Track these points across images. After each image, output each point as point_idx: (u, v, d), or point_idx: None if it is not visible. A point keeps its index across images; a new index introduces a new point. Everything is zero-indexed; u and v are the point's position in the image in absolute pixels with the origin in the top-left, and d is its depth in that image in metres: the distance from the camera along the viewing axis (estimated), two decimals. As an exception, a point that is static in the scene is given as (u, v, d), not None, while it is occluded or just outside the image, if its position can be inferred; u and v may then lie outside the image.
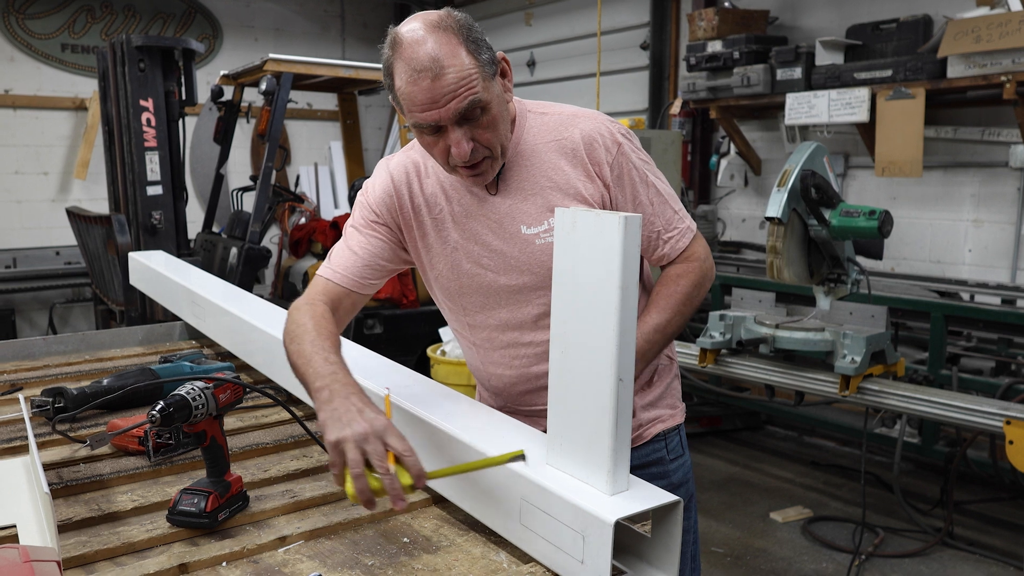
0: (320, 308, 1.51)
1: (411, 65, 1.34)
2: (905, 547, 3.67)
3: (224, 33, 7.49)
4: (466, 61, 1.35)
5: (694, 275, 1.58)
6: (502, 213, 1.53)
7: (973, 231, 4.51)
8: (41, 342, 2.42)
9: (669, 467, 1.70)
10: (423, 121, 1.37)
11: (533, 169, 1.52)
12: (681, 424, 1.75)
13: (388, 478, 1.14)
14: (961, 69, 3.90)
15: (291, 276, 5.53)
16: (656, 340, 1.51)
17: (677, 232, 1.59)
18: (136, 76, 4.40)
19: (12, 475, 1.48)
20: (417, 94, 1.35)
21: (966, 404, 2.77)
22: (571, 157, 1.51)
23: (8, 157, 6.53)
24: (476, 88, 1.36)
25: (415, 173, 1.59)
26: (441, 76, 1.33)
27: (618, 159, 1.52)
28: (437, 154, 1.44)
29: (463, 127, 1.38)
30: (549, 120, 1.54)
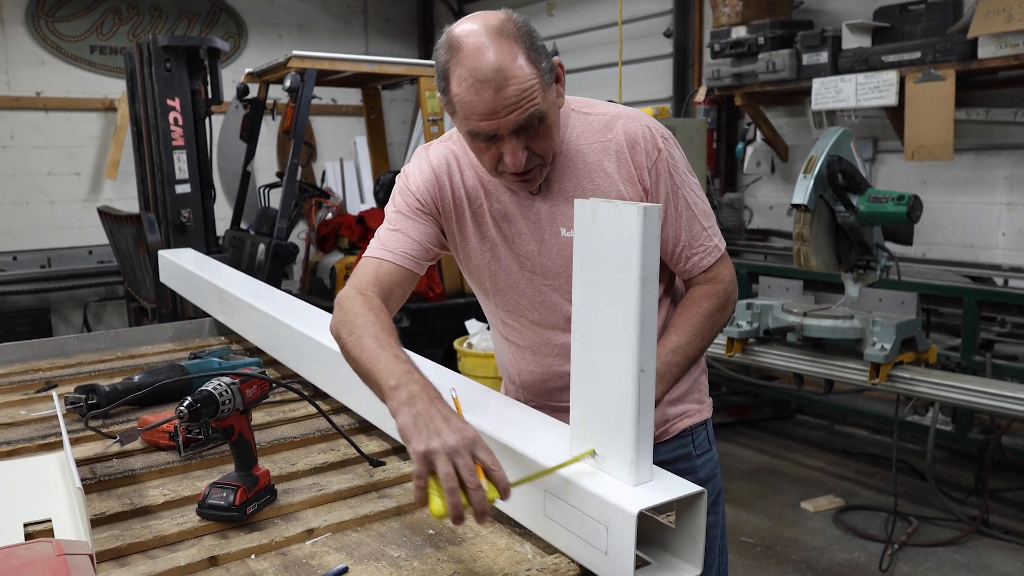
0: (375, 301, 1.43)
1: (473, 74, 1.31)
2: (939, 536, 3.62)
3: (248, 31, 7.55)
4: (527, 72, 1.32)
5: (717, 298, 1.54)
6: (542, 215, 1.52)
7: (1007, 214, 4.42)
8: (75, 340, 2.46)
9: (696, 463, 1.68)
10: (480, 130, 1.35)
11: (576, 171, 1.50)
12: (708, 419, 1.73)
13: (479, 493, 1.06)
14: (992, 49, 3.82)
15: (319, 271, 5.58)
16: (676, 362, 1.48)
17: (703, 249, 1.55)
18: (163, 76, 4.45)
19: (47, 471, 1.51)
20: (478, 104, 1.32)
21: (1000, 391, 2.73)
22: (615, 158, 1.49)
23: (41, 158, 6.65)
24: (536, 99, 1.34)
25: (455, 165, 1.57)
26: (504, 88, 1.30)
27: (657, 164, 1.50)
28: (486, 160, 1.42)
29: (519, 136, 1.36)
30: (592, 120, 1.52)
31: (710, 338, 1.54)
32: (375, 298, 1.45)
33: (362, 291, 1.46)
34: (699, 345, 1.51)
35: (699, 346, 1.52)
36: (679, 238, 1.53)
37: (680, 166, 1.54)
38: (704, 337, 1.52)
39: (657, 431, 1.64)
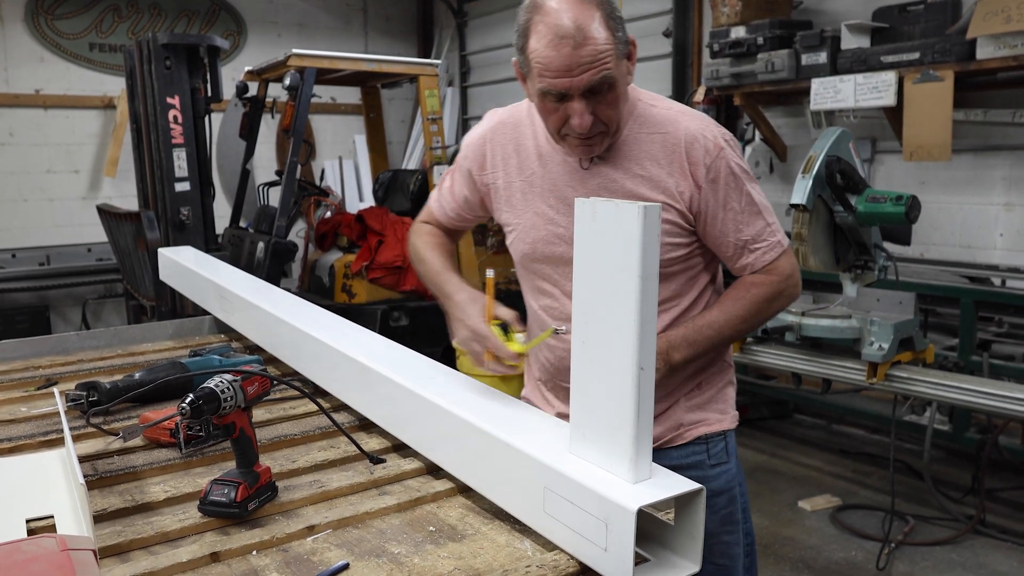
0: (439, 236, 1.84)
1: (554, 30, 1.36)
2: (936, 535, 3.64)
3: (248, 29, 7.55)
4: (604, 35, 1.38)
5: (770, 287, 1.57)
6: (589, 189, 1.56)
7: (1004, 215, 4.44)
8: (75, 337, 2.47)
9: (708, 472, 1.67)
10: (553, 88, 1.40)
11: (630, 155, 1.55)
12: (729, 431, 1.72)
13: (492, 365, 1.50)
14: (991, 50, 3.83)
15: (317, 269, 5.59)
16: (708, 335, 1.51)
17: (766, 244, 1.58)
18: (162, 74, 4.45)
19: (49, 467, 1.52)
20: (555, 59, 1.37)
21: (997, 391, 2.74)
22: (669, 152, 1.53)
23: (40, 156, 6.65)
24: (610, 64, 1.39)
25: (515, 130, 1.65)
26: (582, 46, 1.36)
27: (716, 162, 1.53)
28: (553, 121, 1.47)
29: (588, 99, 1.41)
30: (657, 112, 1.56)
31: (751, 323, 1.57)
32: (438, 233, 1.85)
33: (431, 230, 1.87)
34: (737, 326, 1.54)
35: (737, 327, 1.55)
36: (741, 233, 1.56)
37: (742, 165, 1.57)
38: (743, 319, 1.55)
39: (671, 434, 1.66)
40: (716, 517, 1.68)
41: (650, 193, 1.52)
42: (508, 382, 4.38)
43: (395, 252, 5.22)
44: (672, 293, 1.61)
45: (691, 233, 1.58)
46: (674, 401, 1.67)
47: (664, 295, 1.57)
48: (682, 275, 1.61)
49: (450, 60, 8.25)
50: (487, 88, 8.01)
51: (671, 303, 1.61)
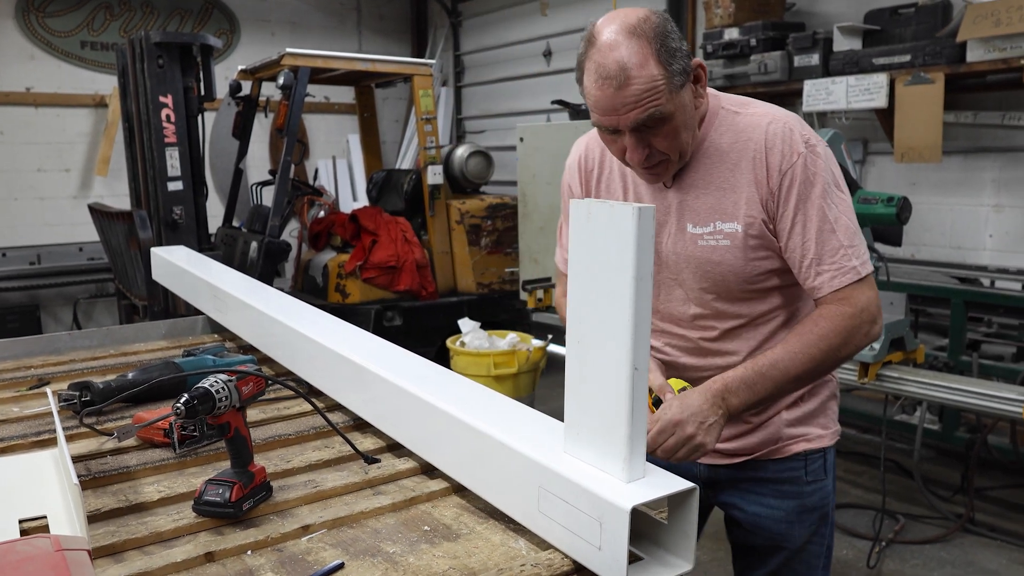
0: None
1: (599, 71, 1.37)
2: (926, 533, 3.66)
3: (241, 28, 7.53)
4: (654, 72, 1.35)
5: (841, 320, 1.41)
6: (672, 207, 1.54)
7: (994, 216, 4.46)
8: (67, 337, 2.46)
9: (804, 488, 1.63)
10: (602, 124, 1.42)
11: (712, 169, 1.50)
12: (829, 448, 1.66)
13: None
14: (980, 53, 3.85)
15: (311, 269, 5.58)
16: (771, 376, 1.38)
17: (836, 268, 1.43)
18: (155, 72, 4.44)
19: (42, 467, 1.52)
20: (600, 99, 1.38)
21: (987, 390, 2.76)
22: (750, 160, 1.48)
23: (31, 155, 6.62)
24: (660, 101, 1.37)
25: (600, 156, 1.65)
26: (626, 87, 1.35)
27: (793, 169, 1.44)
28: (615, 151, 1.48)
29: (640, 133, 1.41)
30: (740, 120, 1.51)
31: (822, 363, 1.41)
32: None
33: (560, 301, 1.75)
34: (806, 366, 1.40)
35: (805, 367, 1.40)
36: (808, 249, 1.45)
37: (823, 176, 1.45)
38: (813, 359, 1.40)
39: (769, 447, 1.63)
40: (805, 532, 1.65)
41: (731, 207, 1.48)
42: (503, 382, 4.39)
43: (389, 252, 5.22)
44: (769, 307, 1.55)
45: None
46: (775, 413, 1.61)
47: (761, 309, 1.55)
48: (780, 288, 1.54)
49: (444, 60, 8.25)
50: (481, 88, 8.02)
51: (768, 316, 1.56)
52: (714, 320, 1.57)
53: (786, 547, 1.65)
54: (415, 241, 5.38)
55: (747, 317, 1.56)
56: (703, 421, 1.32)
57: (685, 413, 1.32)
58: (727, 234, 1.50)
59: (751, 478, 1.66)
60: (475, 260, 5.50)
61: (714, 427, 1.33)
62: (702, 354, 1.61)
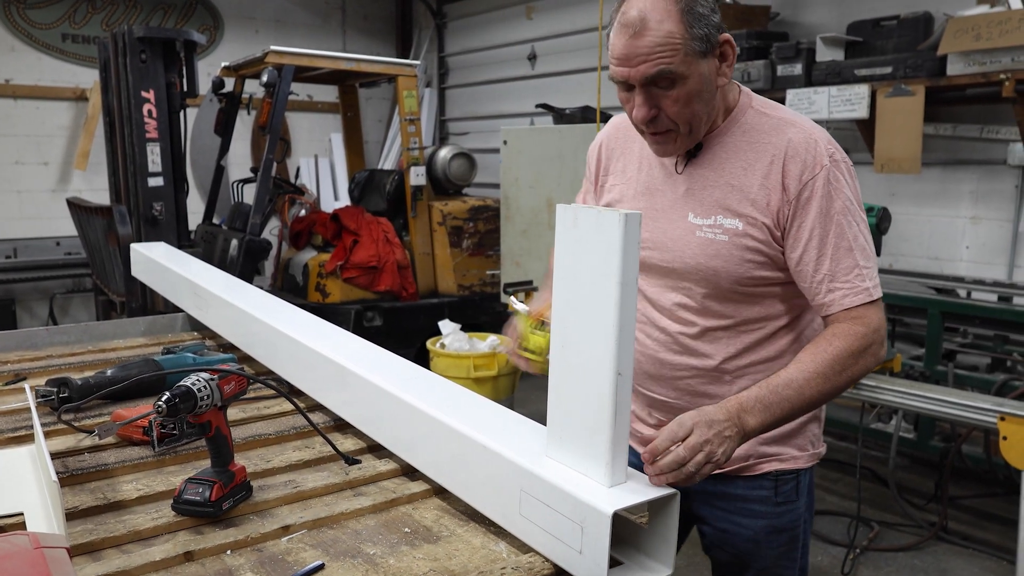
0: None
1: (622, 20, 1.38)
2: (900, 541, 3.70)
3: (225, 24, 7.48)
4: (673, 29, 1.35)
5: (855, 341, 1.37)
6: (679, 194, 1.53)
7: (971, 228, 4.53)
8: (44, 332, 2.43)
9: (773, 509, 1.60)
10: (615, 75, 1.42)
11: (725, 163, 1.49)
12: (805, 470, 1.62)
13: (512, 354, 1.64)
14: (961, 67, 3.91)
15: (291, 268, 5.55)
16: (786, 396, 1.33)
17: (850, 288, 1.40)
18: (137, 67, 4.40)
19: (18, 464, 1.50)
20: (617, 47, 1.39)
21: (961, 400, 2.80)
22: (767, 163, 1.45)
23: (8, 147, 6.54)
24: (671, 59, 1.36)
25: (625, 137, 1.66)
26: (640, 36, 1.36)
27: (815, 181, 1.41)
28: (627, 111, 1.48)
29: (650, 92, 1.40)
30: (766, 122, 1.49)
31: (837, 384, 1.37)
32: None
33: None
34: (820, 387, 1.35)
35: (820, 388, 1.35)
36: (822, 266, 1.41)
37: (845, 192, 1.43)
38: (827, 379, 1.35)
39: (741, 463, 1.59)
40: (773, 553, 1.62)
41: (738, 204, 1.45)
42: (483, 384, 4.39)
43: (370, 252, 5.21)
44: (754, 315, 1.52)
45: (780, 253, 1.47)
46: None
47: (745, 315, 1.52)
48: (768, 298, 1.52)
49: (428, 61, 8.24)
50: (466, 90, 8.02)
51: (752, 325, 1.53)
52: (697, 315, 1.54)
53: (754, 566, 1.62)
54: (396, 242, 5.37)
55: (731, 320, 1.53)
56: (720, 432, 1.24)
57: (702, 418, 1.24)
58: (726, 230, 1.47)
59: (721, 493, 1.62)
60: (456, 262, 5.50)
61: (729, 441, 1.25)
62: (677, 350, 1.57)
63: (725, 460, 1.24)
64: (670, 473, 1.19)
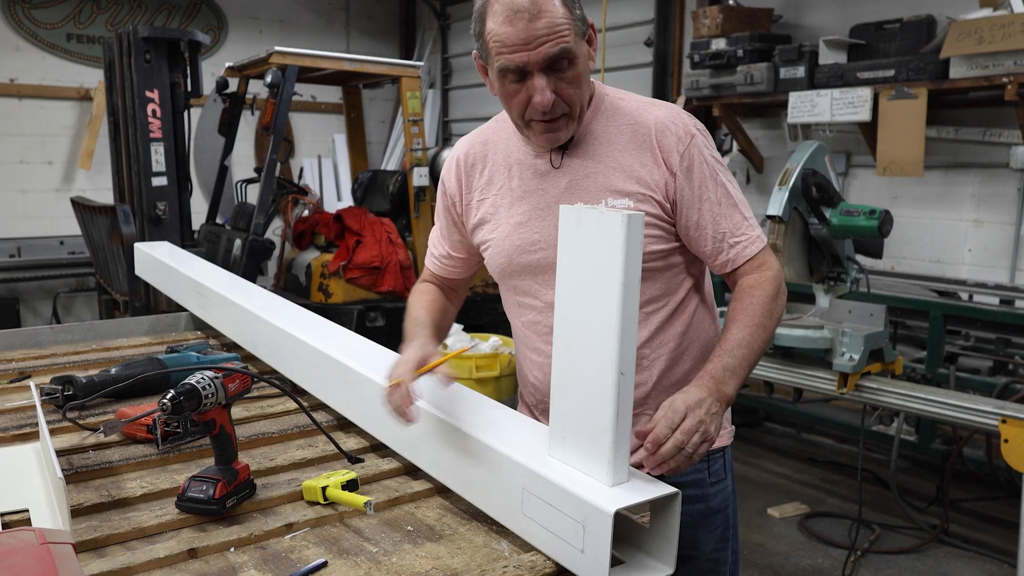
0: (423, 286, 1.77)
1: (508, 6, 1.37)
2: (901, 544, 3.70)
3: (229, 25, 7.50)
4: (561, 10, 1.38)
5: (770, 285, 1.48)
6: (562, 188, 1.52)
7: (973, 231, 4.53)
8: (49, 331, 2.44)
9: (708, 491, 1.63)
10: (511, 63, 1.39)
11: (600, 149, 1.51)
12: (727, 447, 1.67)
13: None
14: (963, 70, 3.91)
15: (294, 268, 5.56)
16: (743, 356, 1.40)
17: (746, 239, 1.50)
18: (142, 67, 4.42)
19: (23, 461, 1.51)
20: (511, 35, 1.37)
21: (963, 403, 2.80)
22: (640, 142, 1.49)
23: (13, 146, 6.56)
24: (568, 38, 1.38)
25: (482, 151, 1.63)
26: (537, 18, 1.36)
27: (690, 150, 1.48)
28: (515, 105, 1.44)
29: (548, 76, 1.39)
30: (625, 105, 1.54)
31: (771, 328, 1.47)
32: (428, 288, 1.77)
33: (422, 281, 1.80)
34: (762, 336, 1.44)
35: (762, 337, 1.44)
36: (719, 225, 1.49)
37: (715, 156, 1.53)
38: (764, 327, 1.44)
39: None
40: (712, 537, 1.64)
41: (624, 184, 1.48)
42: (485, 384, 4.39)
43: (373, 253, 5.21)
44: (657, 292, 1.54)
45: (671, 225, 1.52)
46: None
47: (649, 294, 1.52)
48: (666, 272, 1.54)
49: (432, 62, 8.26)
50: (468, 91, 8.03)
51: (657, 303, 1.55)
52: None
53: (693, 555, 1.61)
54: (399, 242, 5.38)
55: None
56: (708, 409, 1.27)
57: (690, 400, 1.27)
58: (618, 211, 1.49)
59: None
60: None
61: (716, 416, 1.28)
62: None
63: (716, 435, 1.28)
64: (672, 460, 1.21)
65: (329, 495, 1.37)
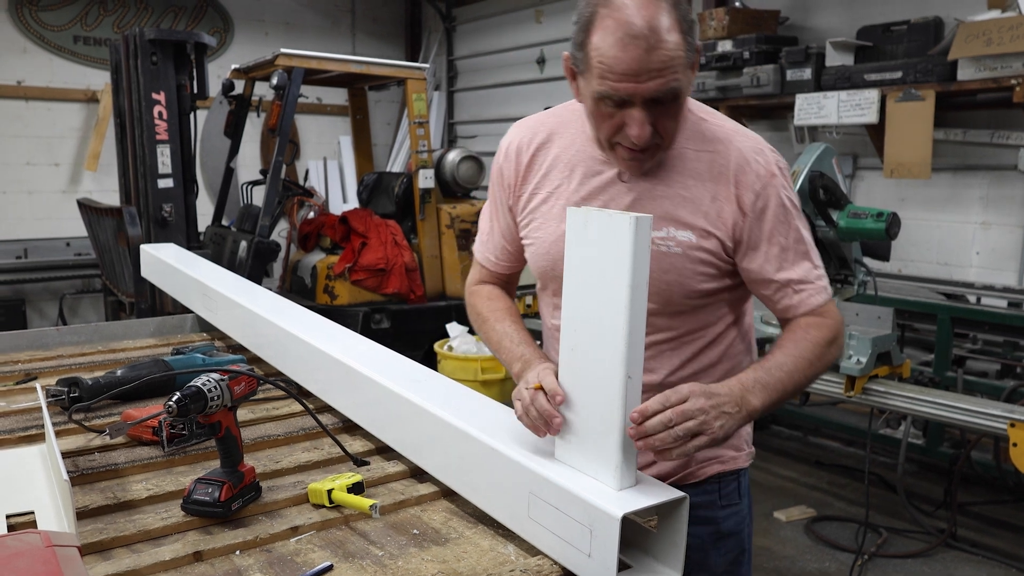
0: (487, 290, 1.67)
1: (625, 28, 1.22)
2: (908, 548, 3.68)
3: (235, 27, 7.52)
4: (678, 40, 1.24)
5: (827, 330, 1.40)
6: (624, 204, 1.42)
7: (981, 234, 4.51)
8: (55, 332, 2.44)
9: (719, 513, 1.57)
10: (615, 92, 1.26)
11: (674, 173, 1.41)
12: (744, 469, 1.61)
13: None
14: (971, 72, 3.90)
15: (299, 270, 5.56)
16: (780, 378, 1.32)
17: (813, 288, 1.42)
18: (149, 69, 4.43)
19: (29, 463, 1.51)
20: (621, 62, 1.23)
21: (971, 406, 2.79)
22: (716, 173, 1.39)
23: (20, 148, 6.58)
24: (679, 75, 1.26)
25: (545, 140, 1.51)
26: (654, 49, 1.22)
27: (767, 190, 1.39)
28: (606, 128, 1.33)
29: (649, 108, 1.28)
30: (707, 128, 1.43)
31: (817, 369, 1.38)
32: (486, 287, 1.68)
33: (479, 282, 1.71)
34: (805, 371, 1.36)
35: (805, 372, 1.36)
36: (786, 272, 1.41)
37: (794, 199, 1.43)
38: (810, 363, 1.36)
39: (683, 471, 1.56)
40: (724, 560, 1.59)
41: (690, 217, 1.39)
42: (490, 387, 4.39)
43: (378, 254, 5.21)
44: (696, 326, 1.48)
45: (730, 264, 1.44)
46: None
47: (686, 328, 1.47)
48: (708, 308, 1.47)
49: (437, 64, 8.26)
50: (474, 93, 8.03)
51: (693, 335, 1.48)
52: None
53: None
54: (405, 244, 5.38)
55: (676, 332, 1.48)
56: (718, 405, 1.20)
57: (701, 389, 1.21)
58: (679, 242, 1.40)
59: None
60: (464, 265, 5.50)
61: (729, 419, 1.21)
62: None
63: (723, 438, 1.21)
64: (655, 436, 1.15)
65: (335, 498, 1.36)
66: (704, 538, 1.56)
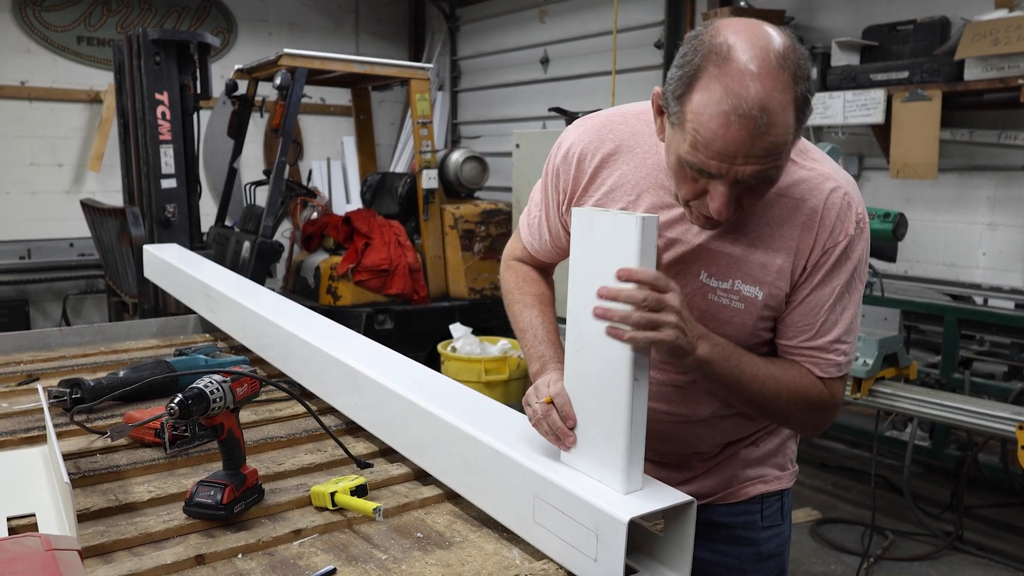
0: (523, 270, 1.60)
1: (734, 102, 1.06)
2: (914, 550, 3.66)
3: (239, 27, 7.51)
4: (790, 123, 1.08)
5: (817, 395, 1.32)
6: (690, 244, 1.30)
7: (988, 234, 4.48)
8: (57, 333, 2.44)
9: (759, 535, 1.51)
10: (705, 168, 1.12)
11: (752, 219, 1.27)
12: (787, 490, 1.53)
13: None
14: (978, 71, 3.88)
15: (303, 271, 5.56)
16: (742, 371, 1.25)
17: (825, 361, 1.31)
18: (152, 69, 4.42)
19: (30, 464, 1.50)
20: (722, 139, 1.08)
21: (978, 408, 2.77)
22: (799, 225, 1.26)
23: (23, 148, 6.58)
24: (781, 162, 1.11)
25: (612, 152, 1.36)
26: (763, 136, 1.07)
27: (835, 249, 1.27)
28: (685, 189, 1.19)
29: (738, 187, 1.14)
30: (797, 172, 1.27)
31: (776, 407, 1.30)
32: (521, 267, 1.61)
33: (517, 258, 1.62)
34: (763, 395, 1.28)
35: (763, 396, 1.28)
36: (807, 331, 1.31)
37: (860, 266, 1.30)
38: (777, 395, 1.28)
39: (724, 490, 1.50)
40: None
41: (759, 272, 1.27)
42: (494, 388, 4.38)
43: (381, 255, 5.21)
44: None
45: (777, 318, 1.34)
46: (732, 453, 1.48)
47: None
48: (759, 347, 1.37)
49: (441, 64, 8.25)
50: (478, 93, 8.02)
51: None
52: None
53: None
54: (408, 245, 5.37)
55: None
56: (686, 319, 1.15)
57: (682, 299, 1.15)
58: (744, 297, 1.29)
59: (703, 522, 1.36)
60: (468, 265, 5.49)
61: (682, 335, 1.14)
62: (667, 397, 1.42)
63: (667, 351, 1.15)
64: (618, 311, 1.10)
65: (338, 501, 1.35)
66: (744, 559, 1.52)
